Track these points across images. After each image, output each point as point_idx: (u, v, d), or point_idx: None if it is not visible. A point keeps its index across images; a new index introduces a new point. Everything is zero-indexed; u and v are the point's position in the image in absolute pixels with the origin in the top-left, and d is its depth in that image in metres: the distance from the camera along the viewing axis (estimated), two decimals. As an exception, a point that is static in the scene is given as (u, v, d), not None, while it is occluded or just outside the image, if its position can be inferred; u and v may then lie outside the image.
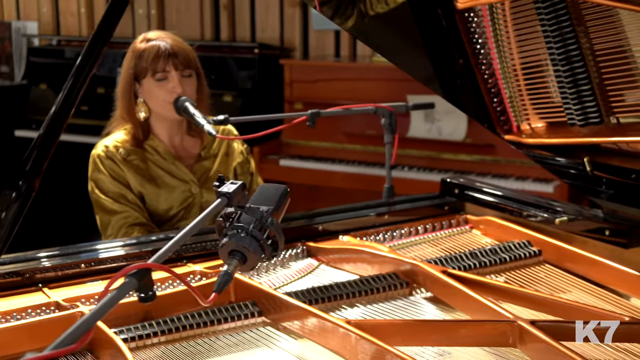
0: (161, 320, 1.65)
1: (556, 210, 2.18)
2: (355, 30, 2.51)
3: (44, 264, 1.92)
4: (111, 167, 2.49)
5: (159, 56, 2.46)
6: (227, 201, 1.26)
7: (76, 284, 1.89)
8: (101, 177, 2.49)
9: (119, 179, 2.48)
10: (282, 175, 4.60)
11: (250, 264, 1.29)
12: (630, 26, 1.92)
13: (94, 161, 2.51)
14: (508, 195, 2.33)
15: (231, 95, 4.92)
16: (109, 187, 2.48)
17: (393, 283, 1.88)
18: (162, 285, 1.86)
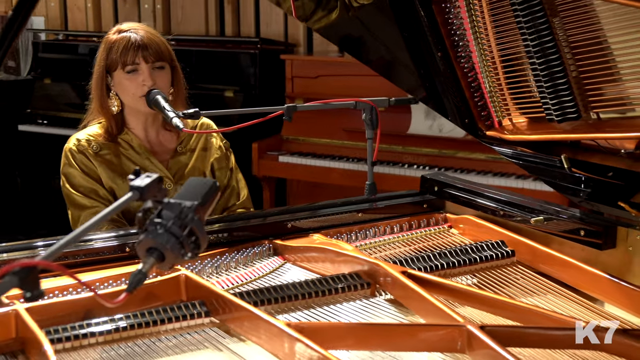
0: (100, 320, 1.58)
1: (534, 209, 2.08)
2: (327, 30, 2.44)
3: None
4: (82, 161, 2.44)
5: (129, 48, 2.40)
6: (139, 195, 1.19)
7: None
8: (72, 171, 2.44)
9: (90, 173, 2.43)
10: (282, 172, 4.55)
11: (169, 262, 1.22)
12: (606, 18, 1.82)
13: (66, 155, 2.46)
14: (487, 194, 2.24)
15: (232, 91, 4.86)
16: (79, 181, 2.42)
17: (353, 284, 1.80)
18: (113, 283, 1.80)
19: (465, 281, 1.92)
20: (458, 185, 2.32)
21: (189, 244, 1.23)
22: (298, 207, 2.27)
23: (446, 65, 2.29)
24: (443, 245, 2.11)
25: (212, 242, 2.05)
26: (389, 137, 4.32)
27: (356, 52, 2.49)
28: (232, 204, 2.61)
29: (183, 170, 2.54)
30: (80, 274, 1.82)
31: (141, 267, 1.20)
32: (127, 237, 2.01)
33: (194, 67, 5.07)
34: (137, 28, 2.46)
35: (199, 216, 1.25)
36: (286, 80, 4.73)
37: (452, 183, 2.34)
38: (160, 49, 2.44)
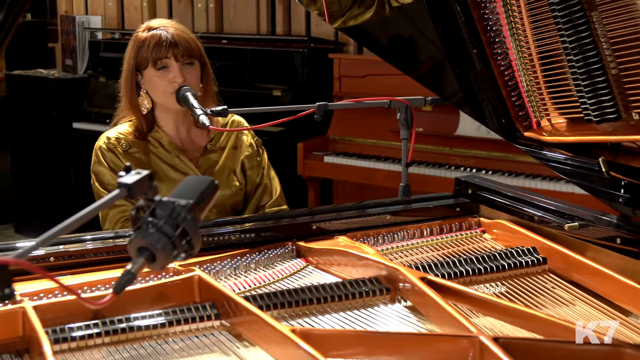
0: (108, 320, 1.55)
1: (569, 215, 1.98)
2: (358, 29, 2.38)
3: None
4: (112, 159, 2.42)
5: (160, 45, 2.38)
6: (127, 192, 1.14)
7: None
8: (102, 169, 2.42)
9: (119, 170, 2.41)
10: (326, 172, 4.49)
11: (160, 263, 1.18)
12: (647, 11, 1.72)
13: (96, 153, 2.44)
14: (522, 198, 2.14)
15: (280, 90, 4.82)
16: (109, 180, 2.41)
17: (372, 289, 1.73)
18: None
19: (493, 289, 1.83)
20: (492, 189, 2.23)
21: (181, 244, 1.18)
22: (324, 207, 2.22)
23: (482, 63, 2.20)
24: (473, 250, 2.03)
25: (233, 243, 2.01)
26: (436, 138, 4.23)
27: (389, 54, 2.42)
28: (265, 202, 2.57)
29: (213, 168, 2.50)
30: (86, 274, 1.79)
31: (130, 267, 1.16)
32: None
33: (244, 66, 5.06)
34: (167, 25, 2.43)
35: (193, 215, 1.20)
36: (334, 79, 4.67)
37: (487, 186, 2.25)
38: (190, 45, 2.41)
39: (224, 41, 5.33)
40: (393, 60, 2.37)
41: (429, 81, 2.37)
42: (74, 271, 1.83)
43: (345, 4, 2.46)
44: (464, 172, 4.08)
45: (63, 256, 1.86)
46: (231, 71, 5.06)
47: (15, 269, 1.71)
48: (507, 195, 2.19)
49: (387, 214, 2.19)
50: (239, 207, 2.55)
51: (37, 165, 5.83)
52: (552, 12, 1.89)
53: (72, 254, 1.86)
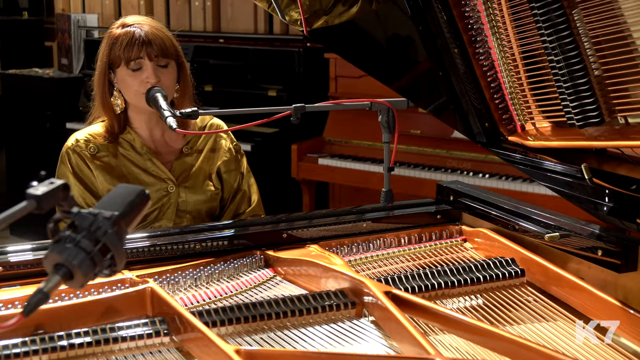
0: (47, 337, 1.45)
1: (550, 224, 1.87)
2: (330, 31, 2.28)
3: None
4: (77, 163, 2.32)
5: (133, 44, 2.27)
6: (35, 204, 1.04)
7: None
8: (66, 172, 2.33)
9: (83, 177, 2.31)
10: (321, 175, 4.39)
11: (79, 280, 1.08)
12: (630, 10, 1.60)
13: (62, 155, 2.35)
14: (504, 206, 2.03)
15: (276, 90, 4.73)
16: (72, 185, 2.31)
17: (336, 303, 1.63)
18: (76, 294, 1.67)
19: (468, 302, 1.72)
20: (474, 195, 2.12)
21: (101, 261, 1.08)
22: (297, 214, 2.10)
23: (465, 63, 2.09)
24: (450, 261, 1.92)
25: (197, 252, 1.91)
26: (433, 141, 4.13)
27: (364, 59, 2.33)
28: (244, 210, 2.47)
29: (188, 171, 2.40)
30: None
31: (43, 286, 1.06)
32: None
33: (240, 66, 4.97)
34: (141, 23, 2.33)
35: (118, 228, 1.10)
36: (330, 79, 4.58)
37: (469, 192, 2.14)
38: (164, 45, 2.30)
39: (221, 40, 5.24)
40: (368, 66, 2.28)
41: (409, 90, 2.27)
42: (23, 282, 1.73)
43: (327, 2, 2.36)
44: (461, 175, 3.98)
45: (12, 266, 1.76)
46: (228, 71, 4.97)
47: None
48: (489, 202, 2.08)
49: (365, 222, 2.08)
50: (215, 213, 2.45)
51: (31, 165, 5.76)
52: (531, 9, 1.78)
53: (17, 264, 1.76)
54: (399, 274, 1.76)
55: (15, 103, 5.81)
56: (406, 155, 4.16)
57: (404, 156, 4.17)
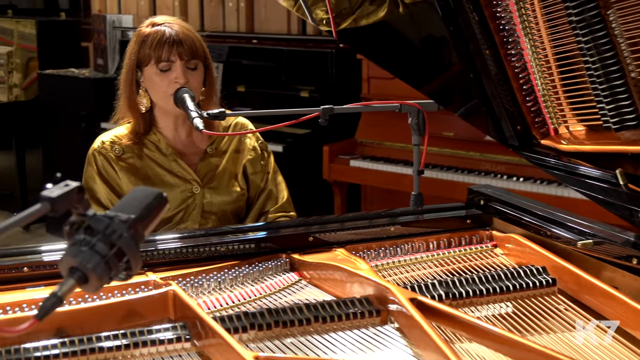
0: (67, 340, 1.44)
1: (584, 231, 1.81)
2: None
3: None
4: (103, 165, 2.32)
5: (164, 43, 2.26)
6: (50, 207, 1.02)
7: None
8: (93, 175, 2.32)
9: (109, 179, 2.31)
10: (353, 177, 4.35)
11: (94, 284, 1.06)
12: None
13: (88, 157, 2.35)
14: (535, 211, 1.98)
15: (308, 91, 4.71)
16: (97, 187, 2.31)
17: (360, 310, 1.60)
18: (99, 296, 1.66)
19: (497, 310, 1.68)
20: (505, 200, 2.07)
21: (117, 265, 1.06)
22: (324, 218, 2.07)
23: (496, 65, 2.05)
24: (480, 267, 1.87)
25: (222, 254, 1.89)
26: (466, 143, 4.07)
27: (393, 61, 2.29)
28: (268, 209, 2.44)
29: (213, 172, 2.38)
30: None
31: (57, 290, 1.04)
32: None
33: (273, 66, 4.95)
34: (171, 22, 2.32)
35: (134, 232, 1.08)
36: (362, 80, 4.54)
37: (500, 197, 2.09)
38: (195, 45, 2.29)
39: (254, 41, 5.23)
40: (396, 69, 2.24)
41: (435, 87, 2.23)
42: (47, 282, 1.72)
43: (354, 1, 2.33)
44: (494, 178, 3.91)
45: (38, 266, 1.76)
46: (260, 71, 4.96)
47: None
48: (520, 207, 2.03)
49: (393, 225, 2.05)
50: (242, 214, 2.43)
51: (67, 164, 5.80)
52: (565, 9, 1.73)
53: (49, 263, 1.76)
54: (426, 280, 1.72)
55: (52, 103, 5.86)
56: (439, 158, 4.11)
57: (437, 158, 4.12)
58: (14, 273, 1.72)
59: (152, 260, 1.83)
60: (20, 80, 6.19)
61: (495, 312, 1.66)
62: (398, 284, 1.73)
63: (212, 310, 1.66)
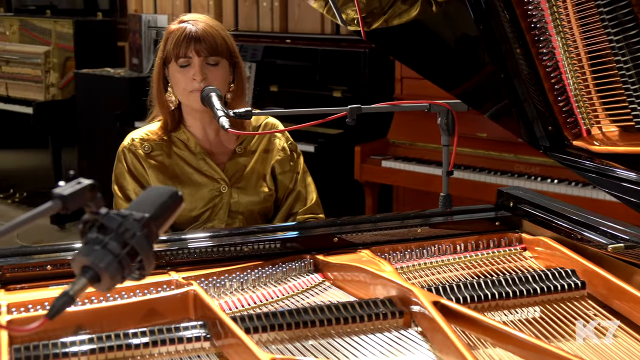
0: (87, 338, 1.43)
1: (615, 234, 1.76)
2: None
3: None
4: (133, 162, 2.32)
5: (182, 40, 2.26)
6: (61, 205, 1.01)
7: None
8: (122, 172, 2.33)
9: (139, 176, 2.31)
10: (384, 177, 4.32)
11: (106, 283, 1.05)
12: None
13: (118, 154, 2.35)
14: (566, 213, 1.93)
15: (340, 91, 4.68)
16: (127, 183, 2.31)
17: (383, 312, 1.57)
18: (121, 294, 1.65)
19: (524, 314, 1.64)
20: (535, 202, 2.02)
21: (130, 264, 1.05)
22: (349, 218, 2.05)
23: (527, 64, 2.00)
24: (507, 270, 1.84)
25: (246, 254, 1.87)
26: (500, 144, 4.01)
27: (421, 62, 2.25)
28: (296, 211, 2.42)
29: (241, 172, 2.37)
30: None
31: (69, 289, 1.03)
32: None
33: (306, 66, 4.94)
34: (197, 20, 2.31)
35: (147, 231, 1.07)
36: (395, 80, 4.50)
37: (529, 199, 2.05)
38: (215, 42, 2.27)
39: (288, 41, 5.22)
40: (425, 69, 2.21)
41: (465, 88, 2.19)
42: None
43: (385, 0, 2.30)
44: (528, 180, 3.85)
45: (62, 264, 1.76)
46: (294, 71, 4.95)
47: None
48: (550, 210, 1.98)
49: (420, 227, 2.01)
50: (269, 215, 2.42)
51: (102, 163, 5.85)
52: (597, 7, 1.68)
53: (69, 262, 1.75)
54: (451, 283, 1.69)
55: (88, 102, 5.91)
56: (472, 159, 4.06)
57: (470, 159, 4.07)
58: (37, 271, 1.73)
59: (175, 259, 1.82)
60: (57, 80, 6.25)
61: (522, 317, 1.62)
62: (422, 287, 1.70)
63: (234, 311, 1.65)
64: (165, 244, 1.84)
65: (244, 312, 1.63)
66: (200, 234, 1.94)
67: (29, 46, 6.38)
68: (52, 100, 6.22)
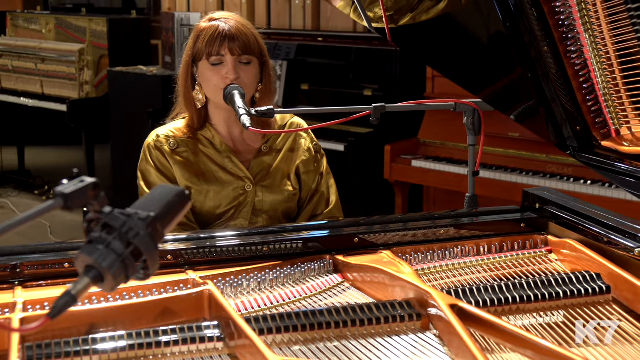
0: (99, 337, 1.42)
1: None
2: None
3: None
4: (159, 158, 2.32)
5: (216, 38, 2.24)
6: (63, 203, 1.00)
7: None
8: (148, 168, 2.32)
9: (166, 172, 2.30)
10: (414, 177, 4.28)
11: (109, 283, 1.03)
12: None
13: (143, 151, 2.35)
14: (593, 216, 1.88)
15: (371, 90, 4.65)
16: (154, 179, 2.31)
17: (400, 314, 1.54)
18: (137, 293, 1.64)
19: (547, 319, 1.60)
20: (561, 204, 1.98)
21: (133, 264, 1.03)
22: (372, 219, 2.02)
23: (555, 62, 1.96)
24: (531, 273, 1.79)
25: (265, 254, 1.85)
26: (532, 144, 3.95)
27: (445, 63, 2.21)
28: (321, 211, 2.40)
29: (266, 171, 2.35)
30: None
31: (71, 288, 1.01)
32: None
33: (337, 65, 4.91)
34: (228, 17, 2.30)
35: (152, 230, 1.05)
36: (427, 79, 4.45)
37: (556, 200, 2.00)
38: (248, 41, 2.26)
39: (320, 39, 5.19)
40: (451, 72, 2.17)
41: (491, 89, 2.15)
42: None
43: None
44: (561, 181, 3.79)
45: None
46: (325, 69, 4.92)
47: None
48: (577, 211, 1.93)
49: (442, 228, 1.98)
50: (293, 214, 2.40)
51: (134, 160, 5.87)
52: (625, 3, 1.63)
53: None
54: (471, 285, 1.65)
55: (121, 99, 5.95)
56: (504, 159, 4.01)
57: (502, 160, 4.01)
58: (56, 269, 1.72)
59: (194, 259, 1.81)
60: (91, 77, 6.30)
61: (542, 321, 1.58)
62: (442, 289, 1.67)
63: (249, 312, 1.63)
64: (183, 243, 1.83)
65: (259, 313, 1.61)
66: (219, 233, 1.93)
67: (64, 44, 6.44)
68: (86, 97, 6.27)
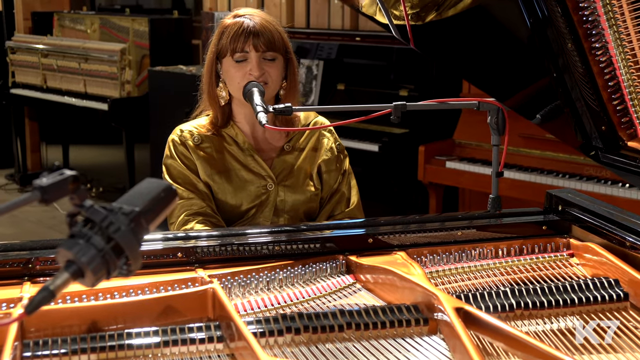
0: (98, 335, 1.41)
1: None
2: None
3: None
4: (183, 153, 2.30)
5: (240, 34, 2.22)
6: (40, 195, 0.98)
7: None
8: (172, 162, 2.31)
9: (190, 165, 2.29)
10: (448, 178, 4.21)
11: (90, 279, 1.01)
12: None
13: (168, 146, 2.34)
14: (617, 219, 1.81)
15: (407, 90, 4.59)
16: (179, 172, 2.29)
17: (407, 317, 1.50)
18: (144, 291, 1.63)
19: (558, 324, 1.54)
20: (585, 206, 1.91)
21: (114, 260, 1.01)
22: (389, 219, 1.97)
23: (580, 60, 1.90)
24: (548, 277, 1.74)
25: (276, 253, 1.82)
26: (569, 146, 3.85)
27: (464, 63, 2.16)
28: (340, 212, 2.36)
29: (288, 170, 2.33)
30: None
31: (49, 283, 1.00)
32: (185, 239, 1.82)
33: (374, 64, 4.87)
34: (253, 14, 2.28)
35: (135, 225, 1.03)
36: (463, 79, 4.38)
37: (579, 202, 1.93)
38: (273, 38, 2.24)
39: (357, 39, 5.16)
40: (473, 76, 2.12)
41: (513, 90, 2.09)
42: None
43: None
44: (597, 184, 3.69)
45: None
46: (361, 69, 4.89)
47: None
48: (600, 215, 1.87)
49: (460, 230, 1.93)
50: (314, 215, 2.37)
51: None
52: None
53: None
54: (483, 289, 1.60)
55: (160, 98, 5.98)
56: (540, 161, 3.92)
57: (538, 162, 3.93)
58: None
59: (204, 257, 1.79)
60: (132, 77, 6.35)
61: (553, 327, 1.52)
62: (454, 292, 1.62)
63: (255, 311, 1.60)
64: (194, 240, 1.81)
65: (266, 313, 1.59)
66: (230, 232, 1.91)
67: (106, 44, 6.50)
68: (127, 97, 6.32)
